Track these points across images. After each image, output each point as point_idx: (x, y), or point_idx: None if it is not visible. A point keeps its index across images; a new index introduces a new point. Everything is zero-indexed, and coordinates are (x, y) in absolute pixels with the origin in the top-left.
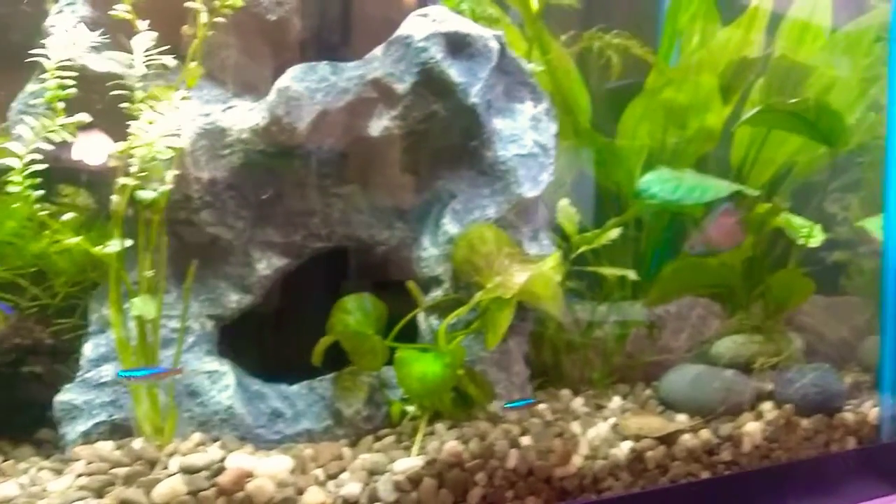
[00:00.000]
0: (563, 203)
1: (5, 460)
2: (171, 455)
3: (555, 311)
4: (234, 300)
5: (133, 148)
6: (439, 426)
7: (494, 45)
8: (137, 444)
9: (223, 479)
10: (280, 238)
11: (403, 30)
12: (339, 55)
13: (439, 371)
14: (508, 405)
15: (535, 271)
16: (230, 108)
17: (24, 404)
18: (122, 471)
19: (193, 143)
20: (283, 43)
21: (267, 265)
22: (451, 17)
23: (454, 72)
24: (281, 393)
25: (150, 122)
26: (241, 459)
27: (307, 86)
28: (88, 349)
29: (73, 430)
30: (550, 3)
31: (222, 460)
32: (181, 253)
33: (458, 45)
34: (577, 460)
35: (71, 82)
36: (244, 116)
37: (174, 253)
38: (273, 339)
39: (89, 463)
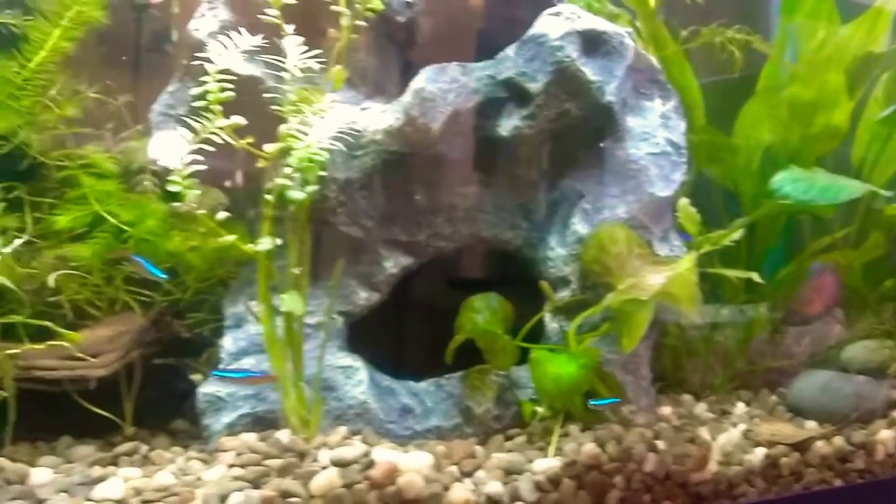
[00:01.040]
0: (684, 202)
1: (151, 450)
2: (318, 448)
3: (692, 314)
4: (364, 297)
5: (290, 149)
6: (572, 428)
7: (629, 42)
8: (282, 435)
9: (375, 472)
10: (406, 237)
11: (537, 28)
12: (465, 55)
13: (574, 372)
14: (594, 403)
15: (673, 272)
16: (364, 109)
17: (161, 396)
18: (274, 462)
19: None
20: (410, 44)
21: (394, 263)
22: (584, 14)
23: (589, 70)
24: (409, 389)
25: (307, 125)
26: (387, 454)
27: (440, 87)
28: (228, 343)
29: (217, 422)
30: None
31: (367, 454)
32: (313, 251)
33: (593, 44)
34: (712, 466)
35: (230, 86)
36: (378, 118)
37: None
38: (394, 336)
39: (239, 454)
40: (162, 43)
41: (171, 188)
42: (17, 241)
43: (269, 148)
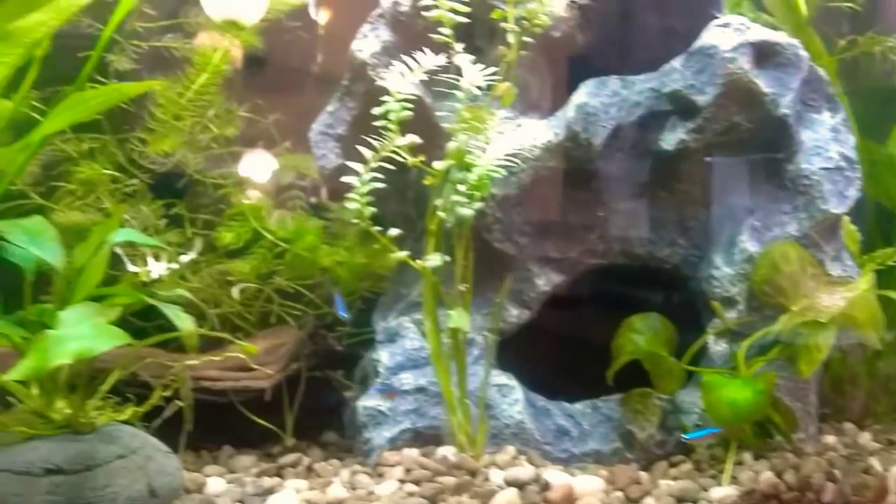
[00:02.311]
0: (845, 220)
1: (313, 462)
2: (487, 466)
3: (875, 338)
4: (514, 315)
5: (464, 167)
6: (745, 455)
7: (804, 53)
8: (447, 452)
9: (553, 495)
10: (557, 254)
11: (706, 40)
12: (616, 69)
13: (750, 398)
14: (689, 436)
15: (851, 294)
16: (519, 125)
17: (311, 408)
18: (446, 480)
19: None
20: (562, 59)
21: (545, 281)
22: (754, 25)
23: (762, 82)
24: (564, 410)
25: (481, 142)
26: (559, 476)
27: (601, 101)
28: (385, 358)
29: (379, 436)
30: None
31: (538, 476)
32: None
33: (766, 55)
34: (892, 498)
35: (409, 105)
36: (536, 133)
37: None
38: (540, 355)
39: (409, 469)
40: (308, 64)
41: (349, 205)
42: (187, 257)
43: (439, 165)
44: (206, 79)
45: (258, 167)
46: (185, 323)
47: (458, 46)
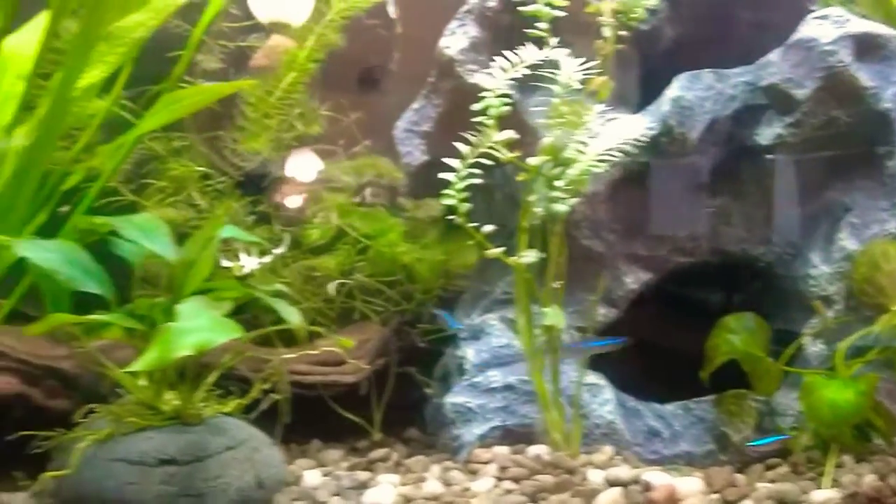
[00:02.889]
0: None
1: (402, 457)
2: (584, 466)
3: None
4: (601, 314)
5: (561, 162)
6: (845, 458)
7: None
8: (539, 450)
9: (656, 495)
10: (645, 251)
11: (804, 33)
12: (705, 63)
13: (852, 399)
14: (756, 443)
15: None
16: (609, 120)
17: (394, 404)
18: (544, 478)
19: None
20: (650, 52)
21: (634, 279)
22: (853, 18)
23: (864, 75)
24: (655, 411)
25: (583, 137)
26: (660, 477)
27: (696, 94)
28: (471, 355)
29: (469, 433)
30: None
31: (637, 476)
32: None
33: (868, 48)
34: None
35: (509, 101)
36: (628, 128)
37: (545, 265)
38: (630, 355)
39: (503, 467)
40: (386, 62)
41: (446, 201)
42: (277, 251)
43: (533, 161)
44: (294, 77)
45: (303, 167)
46: (293, 316)
47: (553, 41)
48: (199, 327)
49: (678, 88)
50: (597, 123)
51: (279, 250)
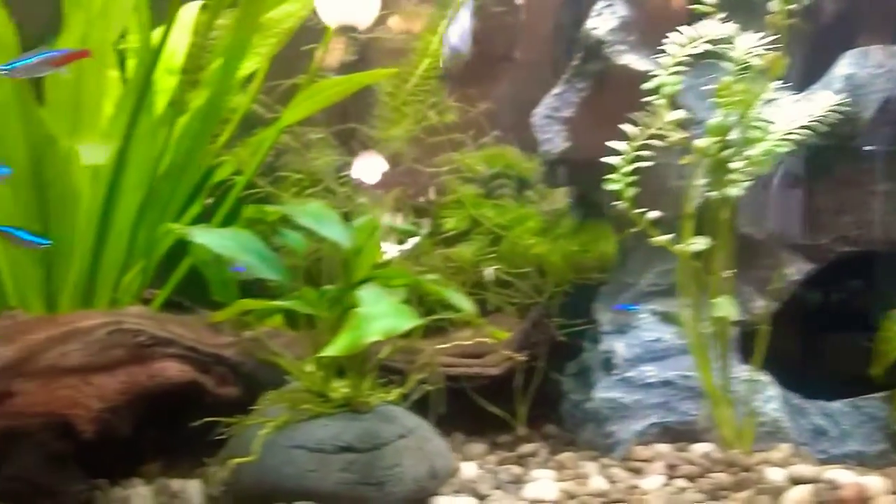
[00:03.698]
0: None
1: (552, 453)
2: (759, 463)
3: None
4: (760, 306)
5: (747, 142)
6: None
7: None
8: (703, 448)
9: (845, 493)
10: (807, 240)
11: None
12: (865, 39)
13: None
14: None
15: None
16: (770, 100)
17: (534, 399)
18: (719, 476)
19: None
20: (811, 29)
21: (795, 269)
22: None
23: None
24: (821, 409)
25: (753, 117)
26: (844, 475)
27: (868, 72)
28: (621, 349)
29: (624, 430)
30: None
31: (819, 475)
32: (703, 254)
33: None
34: None
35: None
36: (795, 109)
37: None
38: (784, 348)
39: (671, 465)
40: (511, 50)
41: (611, 186)
42: (415, 240)
43: (701, 143)
44: (428, 63)
45: (368, 169)
46: (464, 304)
47: (718, 18)
48: (383, 313)
49: (849, 66)
50: (772, 101)
51: (417, 239)
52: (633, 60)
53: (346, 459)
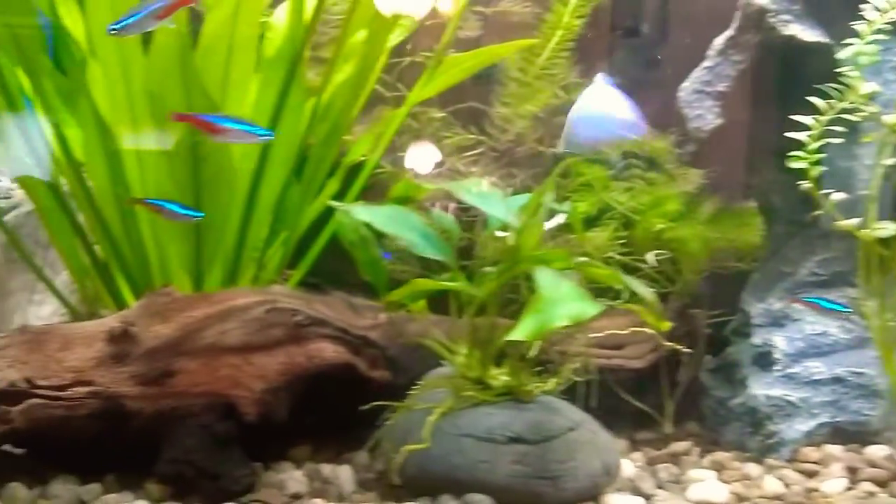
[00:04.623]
0: None
1: (705, 452)
2: None
3: None
4: None
5: None
6: None
7: None
8: (882, 450)
9: None
10: None
11: None
12: None
13: None
14: None
15: None
16: None
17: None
18: None
19: None
20: None
21: None
22: None
23: None
24: None
25: None
26: None
27: None
28: (782, 343)
29: (790, 430)
30: None
31: None
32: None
33: None
34: None
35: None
36: None
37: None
38: None
39: (852, 468)
40: (639, 24)
41: (796, 164)
42: (558, 218)
43: (891, 119)
44: (560, 36)
45: (422, 159)
46: (645, 291)
47: None
48: (567, 297)
49: None
50: None
51: (556, 221)
52: (800, 31)
53: (517, 451)
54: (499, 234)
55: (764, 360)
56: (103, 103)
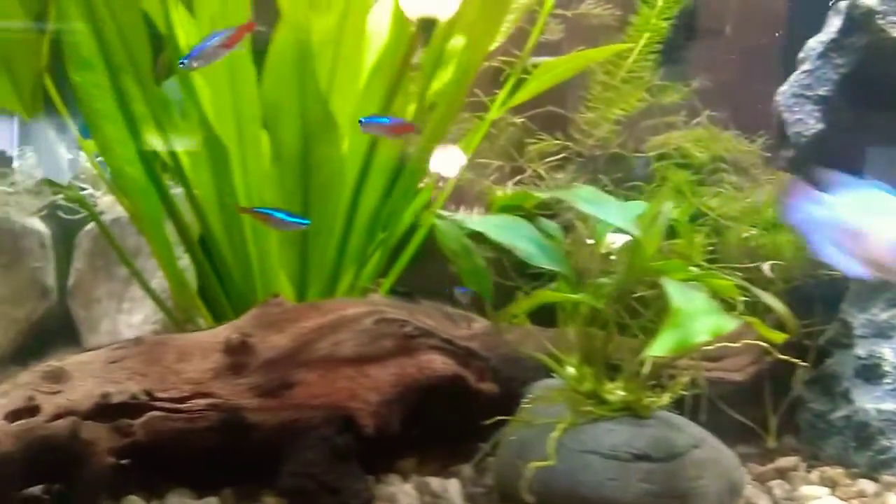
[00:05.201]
0: None
1: (810, 468)
2: None
3: None
4: None
5: None
6: None
7: None
8: None
9: None
10: None
11: None
12: None
13: None
14: None
15: None
16: None
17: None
18: None
19: None
20: None
21: None
22: None
23: None
24: None
25: None
26: None
27: None
28: (892, 356)
29: None
30: None
31: None
32: None
33: None
34: None
35: None
36: None
37: None
38: None
39: None
40: (722, 26)
41: None
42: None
43: None
44: (647, 38)
45: (447, 163)
46: (776, 304)
47: None
48: (703, 310)
49: None
50: None
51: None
52: None
53: (644, 468)
54: (589, 241)
55: (870, 373)
56: (209, 111)
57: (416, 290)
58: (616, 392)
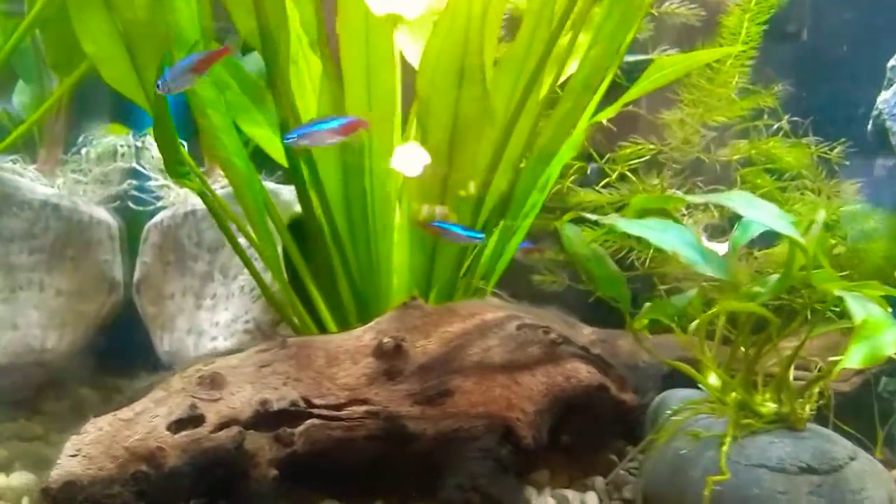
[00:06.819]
0: None
1: None
2: None
3: None
4: None
5: None
6: None
7: None
8: None
9: None
10: None
11: None
12: None
13: None
14: None
15: None
16: None
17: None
18: None
19: None
20: None
21: None
22: None
23: None
24: None
25: None
26: None
27: None
28: None
29: None
30: None
31: None
32: None
33: None
34: None
35: None
36: None
37: None
38: None
39: None
40: (799, 29)
41: None
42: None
43: None
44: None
45: (410, 160)
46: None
47: None
48: (884, 323)
49: None
50: None
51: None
52: None
53: (810, 481)
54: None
55: None
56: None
57: None
58: (768, 404)
